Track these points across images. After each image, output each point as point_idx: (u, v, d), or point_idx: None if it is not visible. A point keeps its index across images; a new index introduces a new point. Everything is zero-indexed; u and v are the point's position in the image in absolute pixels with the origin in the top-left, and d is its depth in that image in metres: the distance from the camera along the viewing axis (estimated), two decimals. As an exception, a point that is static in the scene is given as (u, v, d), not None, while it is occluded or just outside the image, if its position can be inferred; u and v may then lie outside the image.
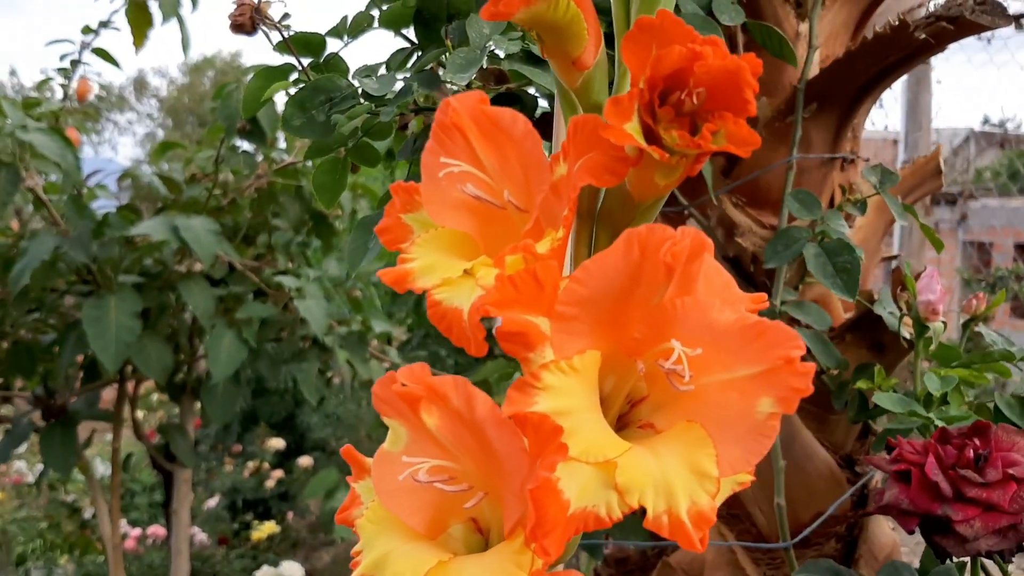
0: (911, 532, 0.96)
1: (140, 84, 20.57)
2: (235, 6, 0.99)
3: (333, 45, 1.06)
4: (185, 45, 3.07)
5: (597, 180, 0.48)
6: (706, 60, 0.44)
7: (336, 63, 1.05)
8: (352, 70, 1.04)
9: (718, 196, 1.33)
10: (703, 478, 0.47)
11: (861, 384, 1.18)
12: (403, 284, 0.51)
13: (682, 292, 0.47)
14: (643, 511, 0.47)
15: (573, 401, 0.47)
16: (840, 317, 1.39)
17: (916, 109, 4.25)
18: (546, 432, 0.45)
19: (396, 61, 1.04)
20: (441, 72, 1.00)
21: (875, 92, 1.32)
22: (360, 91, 1.00)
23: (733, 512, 1.38)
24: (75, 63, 2.98)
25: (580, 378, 0.47)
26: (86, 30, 2.95)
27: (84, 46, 2.96)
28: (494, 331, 0.47)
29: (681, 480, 0.47)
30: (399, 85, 0.98)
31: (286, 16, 0.99)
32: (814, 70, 1.31)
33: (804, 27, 1.34)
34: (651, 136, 0.47)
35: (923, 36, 1.15)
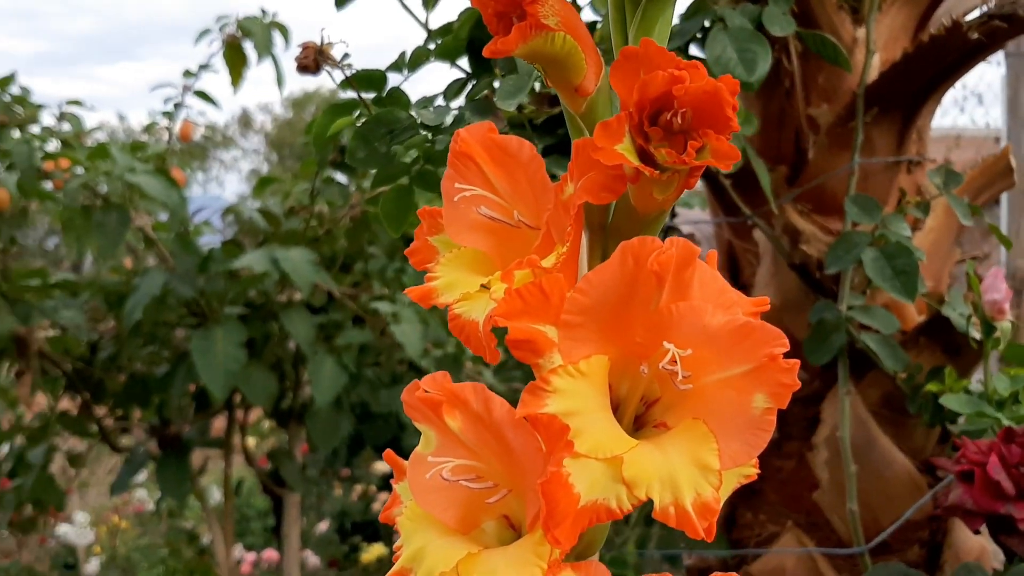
0: (976, 532, 0.96)
1: (244, 121, 21.38)
2: (300, 49, 1.07)
3: (394, 79, 1.12)
4: (280, 82, 3.20)
5: (595, 198, 0.52)
6: (684, 83, 0.48)
7: (398, 96, 1.11)
8: (413, 102, 1.10)
9: (782, 204, 1.34)
10: (706, 471, 0.50)
11: (932, 387, 1.18)
12: (428, 300, 0.56)
13: (677, 298, 0.51)
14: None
15: (581, 402, 0.51)
16: (914, 320, 1.39)
17: (1017, 105, 4.13)
18: (555, 431, 0.49)
19: (452, 91, 1.10)
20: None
21: (937, 93, 1.32)
22: (419, 122, 1.05)
23: (812, 520, 1.38)
24: (178, 105, 3.15)
25: (588, 381, 0.51)
26: (187, 74, 3.11)
27: (186, 89, 3.12)
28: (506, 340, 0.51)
29: (685, 473, 0.50)
30: (453, 115, 1.04)
31: (346, 56, 1.06)
32: (873, 74, 1.32)
33: (861, 32, 1.34)
34: (645, 155, 0.51)
35: (976, 36, 1.15)
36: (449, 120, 1.03)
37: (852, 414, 1.32)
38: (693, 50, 1.24)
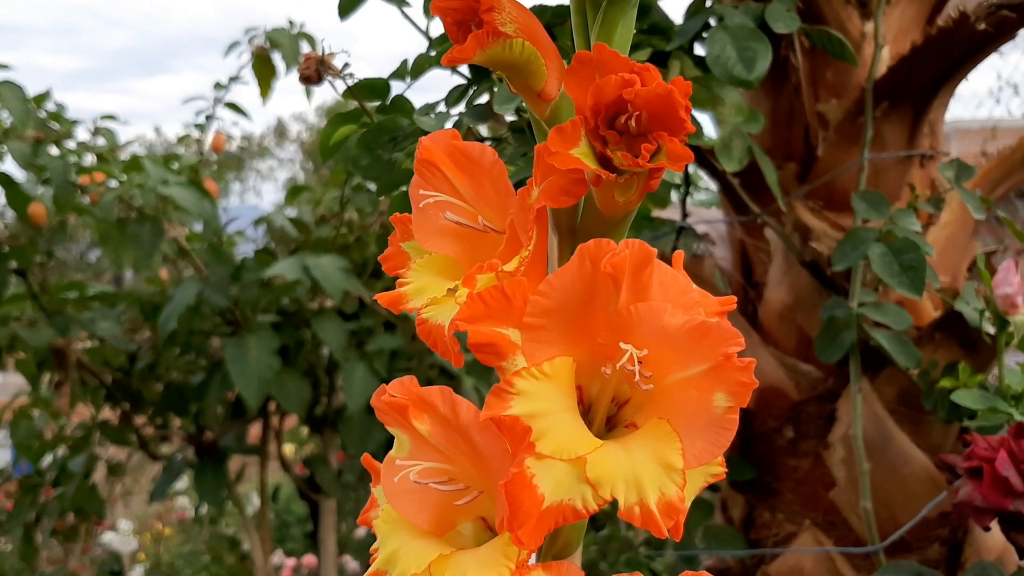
0: (987, 529, 0.95)
1: (279, 131, 21.61)
2: (302, 60, 1.08)
3: (398, 87, 1.13)
4: (308, 92, 3.23)
5: (554, 202, 0.52)
6: (634, 86, 0.48)
7: (401, 104, 1.12)
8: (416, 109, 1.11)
9: (792, 202, 1.34)
10: (670, 470, 0.50)
11: (946, 382, 1.17)
12: (398, 305, 0.56)
13: (636, 299, 0.51)
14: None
15: (545, 404, 0.51)
16: (930, 316, 1.37)
17: (1054, 94, 4.05)
18: (518, 433, 0.50)
19: (453, 97, 1.10)
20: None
21: (949, 86, 1.30)
22: (421, 128, 1.06)
23: (830, 519, 1.37)
24: (209, 118, 3.19)
25: (552, 383, 0.52)
26: (218, 86, 3.15)
27: (217, 101, 3.17)
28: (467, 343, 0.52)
29: (649, 473, 0.50)
30: (454, 120, 1.04)
31: (347, 66, 1.07)
32: (882, 69, 1.31)
33: (870, 27, 1.33)
34: (604, 159, 0.52)
35: (985, 27, 1.13)
36: (449, 126, 1.04)
37: (868, 412, 1.31)
38: (697, 50, 1.24)
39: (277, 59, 3.10)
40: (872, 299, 1.25)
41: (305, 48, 3.11)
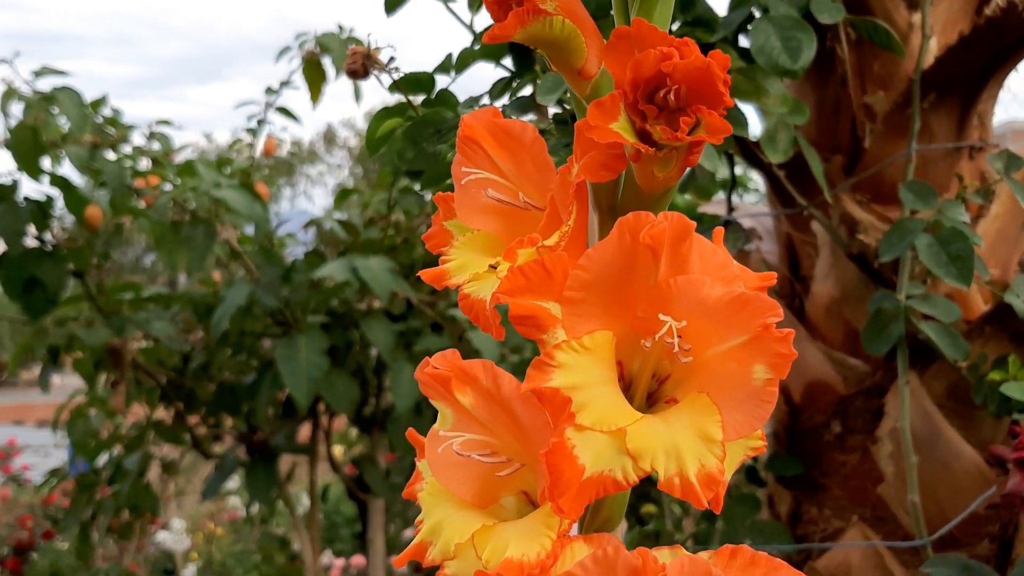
0: (1036, 520, 0.93)
1: (329, 137, 21.86)
2: (349, 55, 1.10)
3: (442, 81, 1.15)
4: (358, 96, 3.26)
5: (593, 176, 0.53)
6: (673, 59, 0.49)
7: (446, 97, 1.14)
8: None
9: (839, 194, 1.33)
10: (710, 442, 0.51)
11: (995, 375, 1.15)
12: (441, 281, 0.58)
13: (675, 272, 0.51)
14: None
15: (585, 376, 0.52)
16: (980, 309, 1.35)
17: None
18: (558, 404, 0.51)
19: (497, 90, 1.12)
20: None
21: (998, 77, 1.29)
22: (466, 122, 1.08)
23: (878, 514, 1.36)
24: (261, 122, 3.24)
25: (592, 356, 0.52)
26: (269, 91, 3.20)
27: (268, 106, 3.21)
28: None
29: (689, 445, 0.51)
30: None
31: (392, 60, 1.09)
32: (929, 60, 1.29)
33: (917, 17, 1.32)
34: (644, 134, 0.52)
35: (1034, 14, 1.12)
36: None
37: (917, 406, 1.30)
38: (741, 42, 1.24)
39: (327, 64, 3.13)
40: (920, 292, 1.23)
41: (354, 51, 3.14)
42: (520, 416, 0.54)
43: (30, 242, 2.79)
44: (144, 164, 3.01)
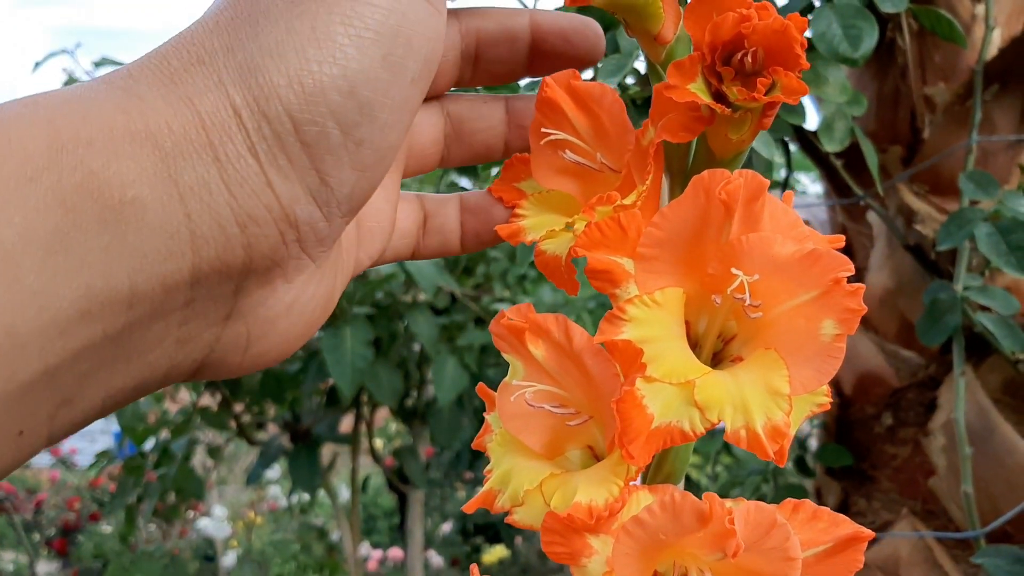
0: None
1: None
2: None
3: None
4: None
5: (672, 136, 0.54)
6: (751, 21, 0.50)
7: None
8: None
9: (896, 185, 1.33)
10: (777, 396, 0.52)
11: (1053, 368, 1.15)
12: (516, 238, 0.59)
13: (747, 230, 0.53)
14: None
15: (656, 330, 0.53)
16: (1041, 303, 1.34)
17: None
18: (629, 355, 0.52)
19: (559, 73, 1.13)
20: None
21: (1062, 69, 1.28)
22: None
23: (929, 508, 1.35)
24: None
25: (662, 311, 0.54)
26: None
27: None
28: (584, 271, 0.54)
29: (756, 398, 0.52)
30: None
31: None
32: (992, 51, 1.29)
33: (981, 8, 1.32)
34: (719, 96, 0.54)
35: (1100, 5, 1.11)
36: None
37: (972, 400, 1.30)
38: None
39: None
40: (978, 283, 1.23)
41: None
42: (590, 369, 0.56)
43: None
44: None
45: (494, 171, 1.16)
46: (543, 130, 0.59)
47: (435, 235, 0.63)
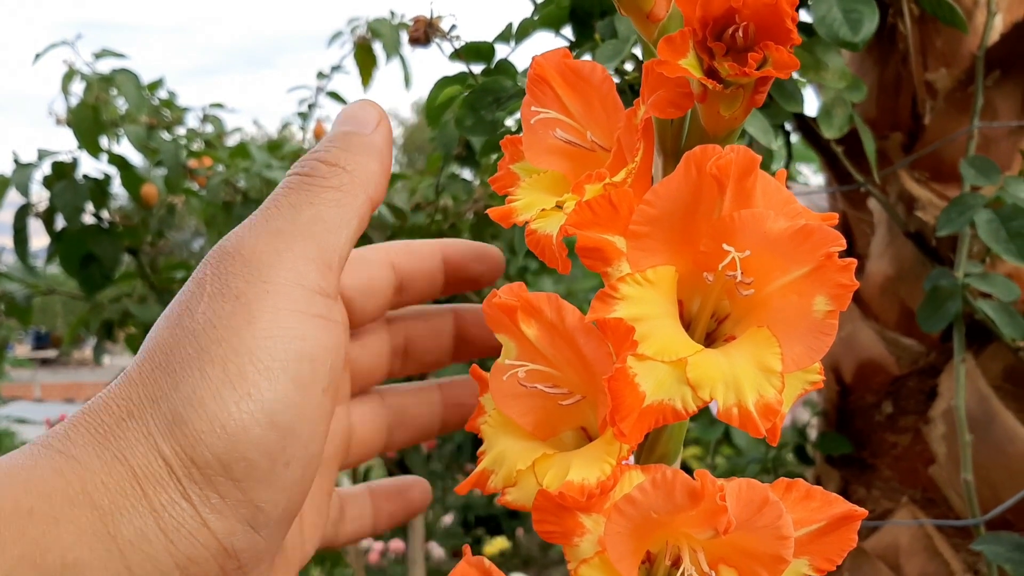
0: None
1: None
2: (412, 23, 1.12)
3: (502, 50, 1.16)
4: (407, 81, 3.28)
5: (661, 113, 0.54)
6: (742, -6, 0.50)
7: (506, 67, 1.15)
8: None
9: (897, 171, 1.32)
10: (769, 373, 0.51)
11: (1052, 355, 1.14)
12: (508, 220, 0.59)
13: (739, 206, 0.52)
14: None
15: (648, 308, 0.53)
16: (1043, 290, 1.33)
17: None
18: (621, 333, 0.52)
19: (556, 59, 1.13)
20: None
21: (1064, 55, 1.27)
22: (524, 88, 1.09)
23: (929, 496, 1.35)
24: (311, 106, 3.28)
25: (655, 289, 0.54)
26: (320, 75, 3.24)
27: (319, 90, 3.25)
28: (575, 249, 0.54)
29: (748, 375, 0.51)
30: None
31: (454, 28, 1.11)
32: (994, 36, 1.28)
33: (982, -6, 1.31)
34: (711, 72, 0.53)
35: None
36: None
37: (972, 388, 1.29)
38: (801, 16, 1.24)
39: (378, 49, 3.16)
40: (979, 270, 1.22)
41: (405, 38, 3.16)
42: (582, 348, 0.56)
43: (87, 219, 2.86)
44: (197, 146, 3.07)
45: (493, 157, 1.15)
46: (532, 109, 0.59)
47: (354, 521, 0.68)
